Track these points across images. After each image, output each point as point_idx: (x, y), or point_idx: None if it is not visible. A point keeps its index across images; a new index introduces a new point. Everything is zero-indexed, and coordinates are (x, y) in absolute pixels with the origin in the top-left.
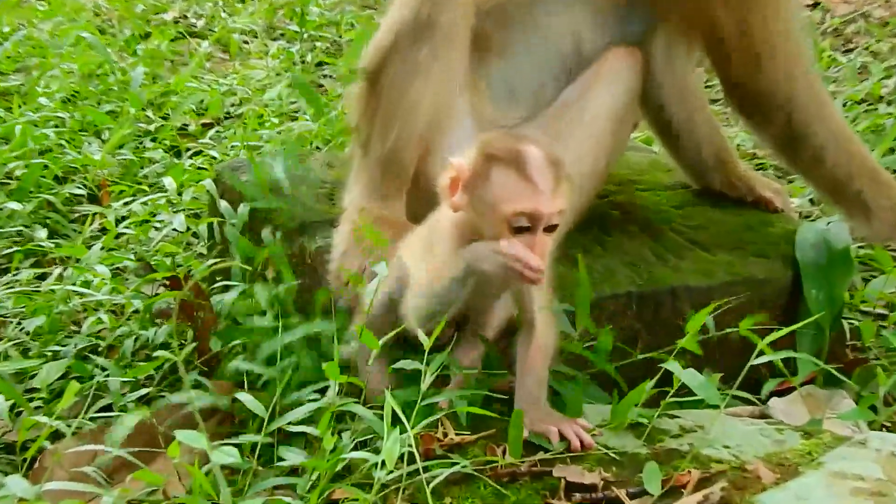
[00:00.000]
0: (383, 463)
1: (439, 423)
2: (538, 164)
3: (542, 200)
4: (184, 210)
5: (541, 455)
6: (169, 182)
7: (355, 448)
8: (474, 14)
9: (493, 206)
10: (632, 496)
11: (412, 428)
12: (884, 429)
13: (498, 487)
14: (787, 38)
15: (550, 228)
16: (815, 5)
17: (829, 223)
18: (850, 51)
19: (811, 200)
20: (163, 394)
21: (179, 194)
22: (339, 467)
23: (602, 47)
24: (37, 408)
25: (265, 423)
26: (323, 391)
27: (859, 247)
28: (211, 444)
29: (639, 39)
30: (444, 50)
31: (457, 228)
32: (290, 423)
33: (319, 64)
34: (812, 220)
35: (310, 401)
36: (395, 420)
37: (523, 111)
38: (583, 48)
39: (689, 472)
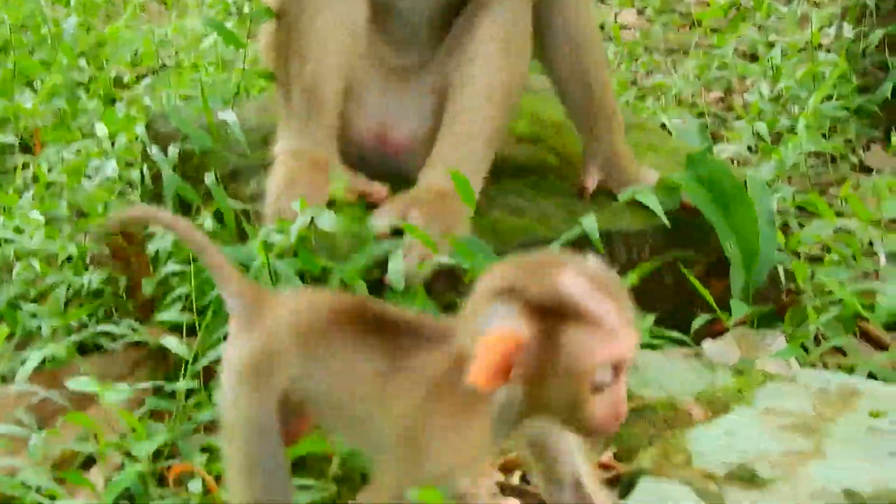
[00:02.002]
0: None
1: None
2: (608, 301)
3: (623, 341)
4: (116, 158)
5: None
6: (101, 129)
7: None
8: None
9: (568, 369)
10: None
11: None
12: (815, 367)
13: None
14: None
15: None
16: None
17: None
18: (791, 0)
19: (749, 147)
20: (96, 342)
21: (112, 142)
22: None
23: None
24: None
25: (188, 365)
26: None
27: (795, 192)
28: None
29: None
30: None
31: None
32: (216, 364)
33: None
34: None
35: None
36: None
37: (418, 52)
38: None
39: None
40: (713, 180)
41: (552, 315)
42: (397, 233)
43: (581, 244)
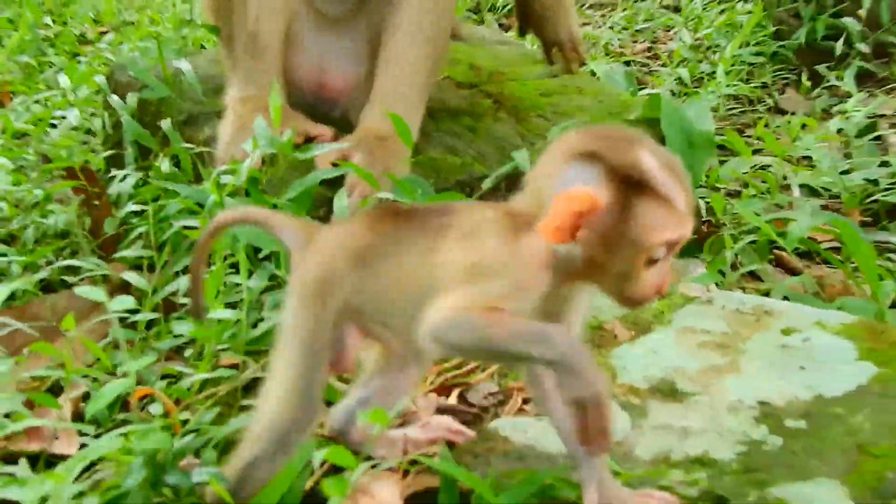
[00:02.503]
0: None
1: None
2: (673, 180)
3: (686, 224)
4: (79, 108)
5: None
6: (64, 80)
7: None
8: None
9: (635, 240)
10: None
11: None
12: (732, 290)
13: None
14: None
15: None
16: None
17: (691, 105)
18: None
19: (671, 92)
20: (62, 277)
21: (75, 93)
22: (225, 335)
23: None
24: None
25: (148, 298)
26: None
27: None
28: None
29: None
30: None
31: (546, 262)
32: (173, 295)
33: None
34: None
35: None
36: None
37: (351, 2)
38: None
39: None
40: (683, 125)
41: (631, 185)
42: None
43: (516, 178)
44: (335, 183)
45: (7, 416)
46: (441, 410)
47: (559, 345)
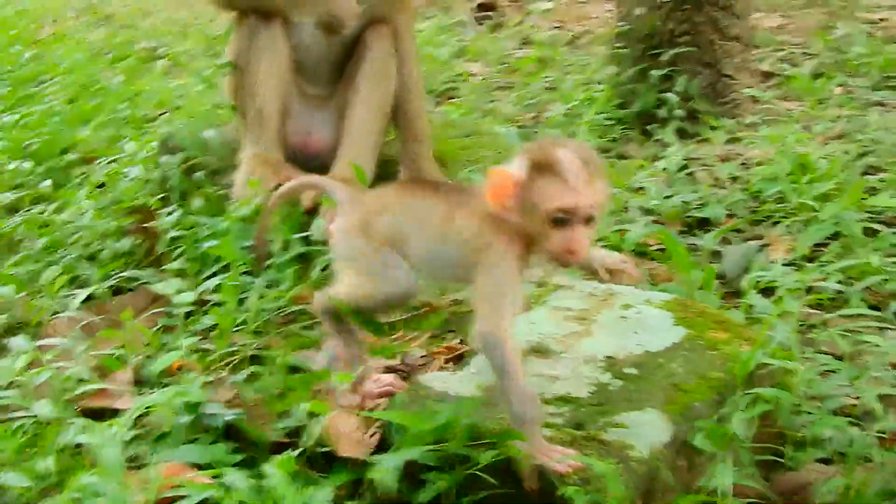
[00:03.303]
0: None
1: None
2: (572, 165)
3: (577, 196)
4: (141, 165)
5: None
6: (131, 146)
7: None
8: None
9: (537, 206)
10: None
11: None
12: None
13: None
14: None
15: (589, 221)
16: None
17: None
18: (578, 49)
19: None
20: (128, 286)
21: (137, 155)
22: (238, 321)
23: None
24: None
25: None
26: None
27: None
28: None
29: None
30: (269, 52)
31: (494, 224)
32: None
33: None
34: None
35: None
36: None
37: (324, 86)
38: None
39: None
40: None
41: (539, 168)
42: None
43: None
44: (313, 212)
45: (82, 381)
46: (387, 370)
47: (532, 409)
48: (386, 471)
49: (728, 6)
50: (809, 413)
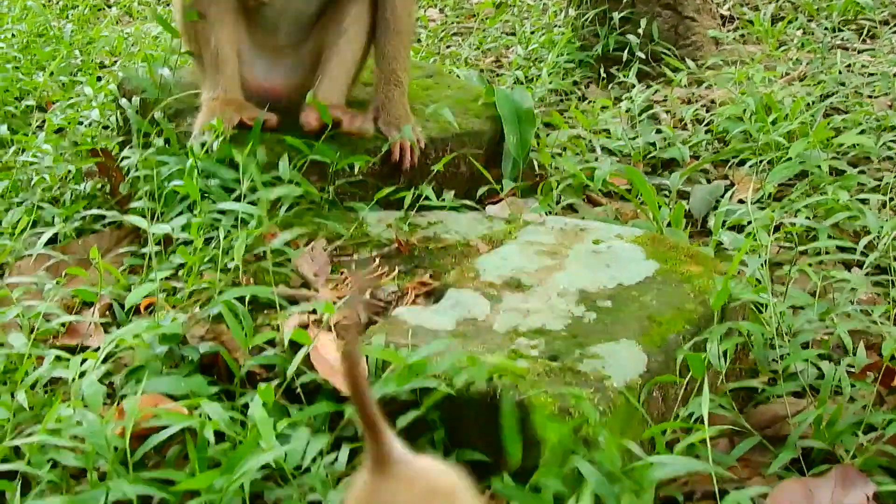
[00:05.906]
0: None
1: None
2: None
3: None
4: (99, 109)
5: None
6: (88, 90)
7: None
8: None
9: None
10: None
11: None
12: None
13: None
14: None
15: None
16: None
17: (515, 91)
18: None
19: (511, 88)
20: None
21: (95, 98)
22: (206, 259)
23: None
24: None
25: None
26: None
27: (543, 113)
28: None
29: None
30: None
31: None
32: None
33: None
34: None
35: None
36: None
37: (285, 38)
38: None
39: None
40: (512, 104)
41: None
42: None
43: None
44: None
45: (52, 317)
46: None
47: None
48: None
49: None
50: (781, 347)
